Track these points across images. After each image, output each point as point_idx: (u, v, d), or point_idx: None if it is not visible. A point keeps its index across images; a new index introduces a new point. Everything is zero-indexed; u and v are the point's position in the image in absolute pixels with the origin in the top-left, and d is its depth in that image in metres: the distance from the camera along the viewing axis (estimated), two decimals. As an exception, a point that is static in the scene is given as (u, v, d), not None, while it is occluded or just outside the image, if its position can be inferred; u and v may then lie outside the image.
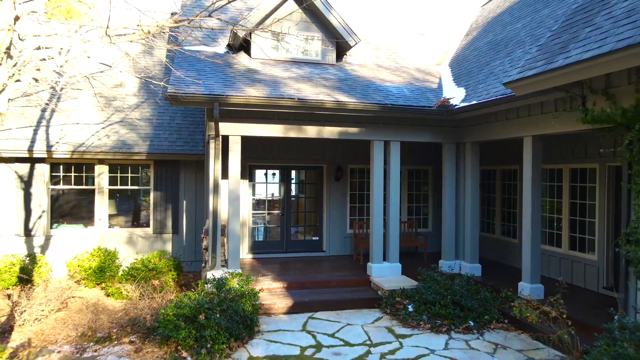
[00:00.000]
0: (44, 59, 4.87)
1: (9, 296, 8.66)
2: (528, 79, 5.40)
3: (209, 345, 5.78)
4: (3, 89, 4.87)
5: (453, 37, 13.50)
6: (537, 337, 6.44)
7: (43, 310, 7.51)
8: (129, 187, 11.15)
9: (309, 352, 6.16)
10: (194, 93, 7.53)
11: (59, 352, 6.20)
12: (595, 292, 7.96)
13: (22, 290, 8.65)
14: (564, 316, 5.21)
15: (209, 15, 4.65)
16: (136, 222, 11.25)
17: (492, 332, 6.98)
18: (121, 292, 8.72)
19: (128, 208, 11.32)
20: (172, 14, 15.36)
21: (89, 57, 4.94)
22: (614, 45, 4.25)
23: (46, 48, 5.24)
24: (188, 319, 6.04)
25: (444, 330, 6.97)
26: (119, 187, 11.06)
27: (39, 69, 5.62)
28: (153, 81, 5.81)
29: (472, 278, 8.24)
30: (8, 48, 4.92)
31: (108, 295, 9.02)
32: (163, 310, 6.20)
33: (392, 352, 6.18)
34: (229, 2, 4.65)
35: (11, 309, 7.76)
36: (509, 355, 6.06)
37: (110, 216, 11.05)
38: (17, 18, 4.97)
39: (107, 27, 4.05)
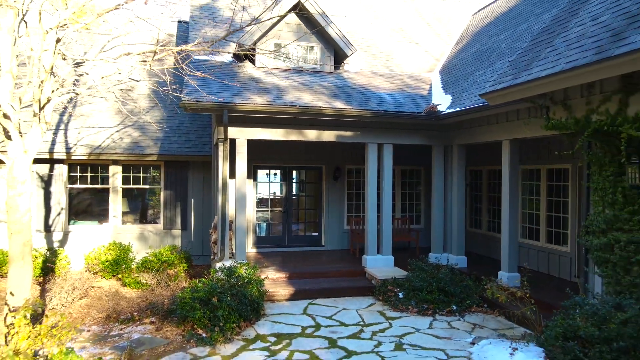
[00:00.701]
0: (81, 75, 5.68)
1: (40, 283, 9.49)
2: (498, 92, 6.23)
3: (221, 324, 6.60)
4: (48, 102, 5.70)
5: (444, 45, 14.33)
6: (502, 313, 7.29)
7: (68, 298, 8.34)
8: (141, 186, 11.98)
9: (309, 330, 7.00)
10: (206, 101, 8.34)
11: (88, 330, 7.04)
12: (568, 280, 8.79)
13: (46, 280, 9.49)
14: (527, 295, 6.03)
15: (224, 38, 5.45)
16: (147, 219, 12.08)
17: (472, 315, 7.82)
18: (137, 282, 9.54)
19: (140, 206, 12.15)
20: (178, 21, 16.23)
21: (119, 73, 5.75)
22: (563, 66, 5.08)
23: (81, 65, 6.06)
24: (203, 302, 6.86)
25: (430, 313, 7.81)
26: (131, 186, 11.89)
27: (59, 80, 6.37)
28: (174, 93, 6.61)
29: (455, 267, 9.07)
30: (51, 67, 5.75)
31: (124, 285, 9.84)
32: (180, 294, 7.04)
33: (382, 330, 7.02)
34: (242, 28, 5.46)
35: (40, 294, 8.58)
36: (484, 333, 6.90)
37: (124, 213, 11.88)
38: (58, 40, 5.81)
39: (152, 58, 4.87)
